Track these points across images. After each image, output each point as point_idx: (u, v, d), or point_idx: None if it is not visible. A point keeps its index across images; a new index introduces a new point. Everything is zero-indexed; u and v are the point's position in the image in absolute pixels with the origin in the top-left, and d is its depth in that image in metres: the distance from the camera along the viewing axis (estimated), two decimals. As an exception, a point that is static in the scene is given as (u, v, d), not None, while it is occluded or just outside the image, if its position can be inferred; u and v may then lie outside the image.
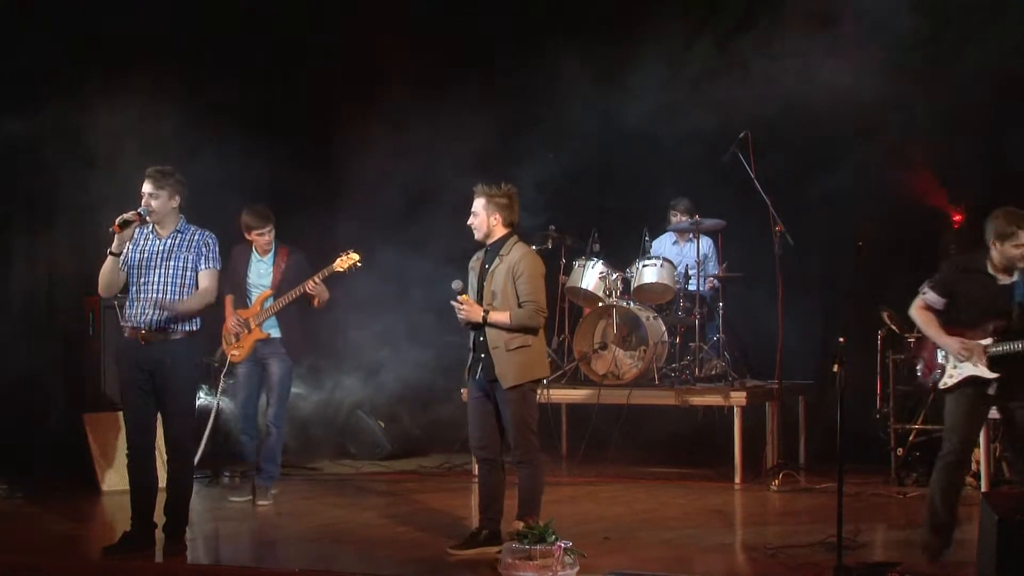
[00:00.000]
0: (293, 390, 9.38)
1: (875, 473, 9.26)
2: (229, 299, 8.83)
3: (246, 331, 8.77)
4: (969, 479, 8.77)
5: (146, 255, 7.09)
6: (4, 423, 10.07)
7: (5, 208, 10.29)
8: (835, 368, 6.36)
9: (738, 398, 9.55)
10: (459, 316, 6.99)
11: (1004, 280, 6.53)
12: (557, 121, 11.63)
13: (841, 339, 6.53)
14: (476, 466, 7.89)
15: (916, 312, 6.76)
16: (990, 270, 6.55)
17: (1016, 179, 10.08)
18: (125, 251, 7.06)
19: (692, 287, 10.36)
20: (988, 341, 6.50)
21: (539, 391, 7.27)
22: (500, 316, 6.89)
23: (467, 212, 7.13)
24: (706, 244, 10.67)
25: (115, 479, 9.30)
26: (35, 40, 10.12)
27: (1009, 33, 10.26)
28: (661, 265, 10.23)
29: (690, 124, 11.03)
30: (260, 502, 8.69)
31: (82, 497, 9.07)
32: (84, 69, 10.42)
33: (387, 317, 10.97)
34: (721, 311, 10.44)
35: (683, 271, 10.39)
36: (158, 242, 7.11)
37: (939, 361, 6.67)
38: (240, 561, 7.05)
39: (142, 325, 7.04)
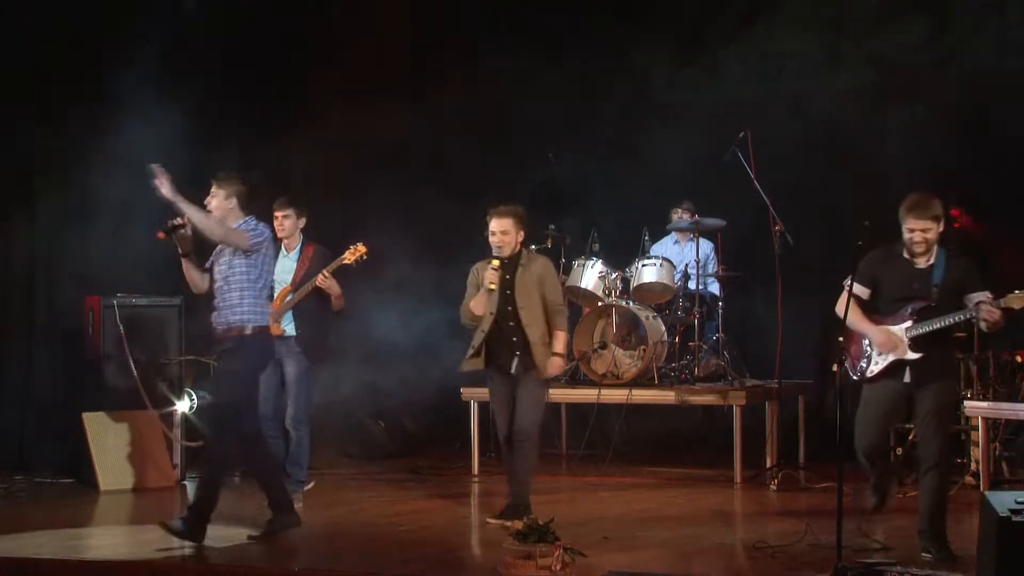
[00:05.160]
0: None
1: (874, 472, 9.28)
2: None
3: None
4: (968, 478, 8.81)
5: (219, 258, 7.40)
6: (4, 422, 10.12)
7: (5, 207, 10.32)
8: (835, 368, 6.39)
9: (737, 397, 9.56)
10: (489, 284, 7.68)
11: (921, 264, 6.63)
12: (555, 121, 11.65)
13: (840, 338, 6.55)
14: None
15: (841, 306, 6.74)
16: (905, 255, 6.66)
17: (1013, 178, 10.12)
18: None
19: (692, 287, 10.39)
20: (908, 324, 6.58)
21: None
22: (560, 345, 7.81)
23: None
24: (707, 246, 10.69)
25: (114, 478, 9.32)
26: (30, 35, 10.16)
27: (1008, 32, 10.29)
28: (660, 265, 10.24)
29: (689, 123, 11.06)
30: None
31: (82, 496, 9.08)
32: (83, 68, 10.40)
33: (386, 315, 10.98)
34: (721, 310, 10.46)
35: (683, 270, 10.42)
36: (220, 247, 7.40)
37: (865, 351, 6.74)
38: (239, 560, 7.02)
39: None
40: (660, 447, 10.97)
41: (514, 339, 7.72)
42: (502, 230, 7.70)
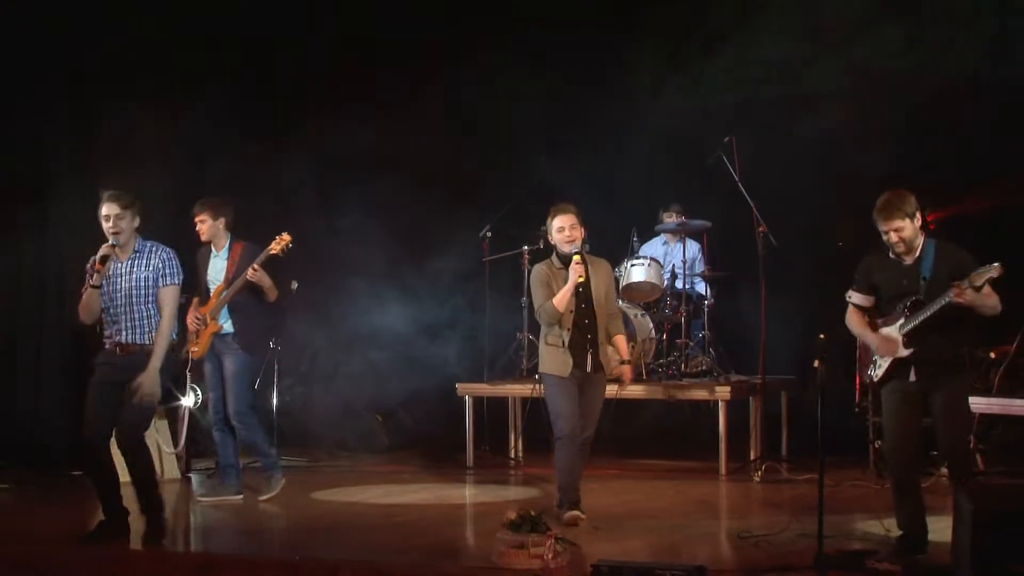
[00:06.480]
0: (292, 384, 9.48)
1: (854, 465, 9.43)
2: (195, 301, 8.83)
3: (204, 326, 8.73)
4: (944, 471, 8.99)
5: (111, 278, 7.25)
6: (15, 418, 10.23)
7: (14, 207, 10.41)
8: (816, 364, 6.51)
9: (723, 393, 9.71)
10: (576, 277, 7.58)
11: (908, 260, 6.66)
12: (548, 124, 11.78)
13: (822, 336, 6.67)
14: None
15: (848, 318, 6.90)
16: (891, 255, 6.71)
17: (989, 179, 10.30)
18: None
19: (679, 286, 10.58)
20: (901, 321, 6.64)
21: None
22: (627, 351, 7.97)
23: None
24: (694, 247, 10.88)
25: (121, 472, 9.35)
26: (38, 40, 10.22)
27: (980, 39, 10.47)
28: (649, 264, 10.40)
29: (677, 127, 11.21)
30: (260, 497, 8.68)
31: (85, 493, 9.16)
32: (89, 70, 10.51)
33: (384, 311, 11.11)
34: (707, 309, 10.65)
35: (670, 270, 10.62)
36: (120, 265, 7.25)
37: (872, 357, 6.83)
38: (241, 550, 7.18)
39: (120, 342, 7.27)
40: (648, 441, 11.08)
41: (588, 336, 7.71)
42: (571, 224, 7.70)
